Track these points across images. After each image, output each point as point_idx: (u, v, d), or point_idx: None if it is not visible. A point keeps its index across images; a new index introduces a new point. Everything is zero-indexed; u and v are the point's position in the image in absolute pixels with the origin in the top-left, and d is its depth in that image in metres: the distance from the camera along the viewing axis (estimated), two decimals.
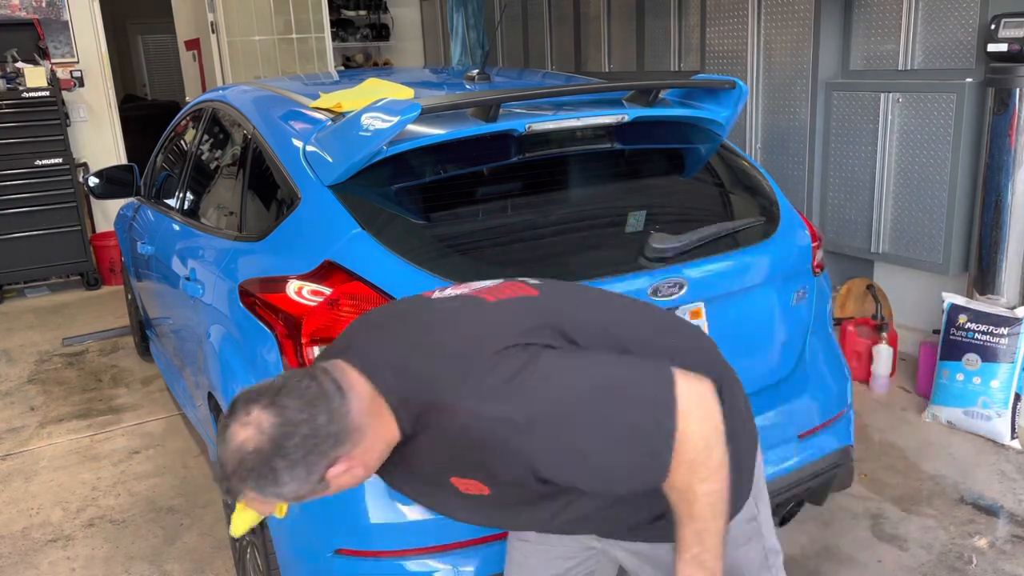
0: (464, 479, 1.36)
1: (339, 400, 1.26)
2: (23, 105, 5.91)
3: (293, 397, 1.24)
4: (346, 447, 1.26)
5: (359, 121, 2.07)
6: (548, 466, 1.28)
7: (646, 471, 1.29)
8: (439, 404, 1.29)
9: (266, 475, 1.22)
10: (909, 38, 3.98)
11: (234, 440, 1.23)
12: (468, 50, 7.03)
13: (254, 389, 1.28)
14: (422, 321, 1.45)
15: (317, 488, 1.28)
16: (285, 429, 1.22)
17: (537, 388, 1.27)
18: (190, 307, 2.78)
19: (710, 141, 2.55)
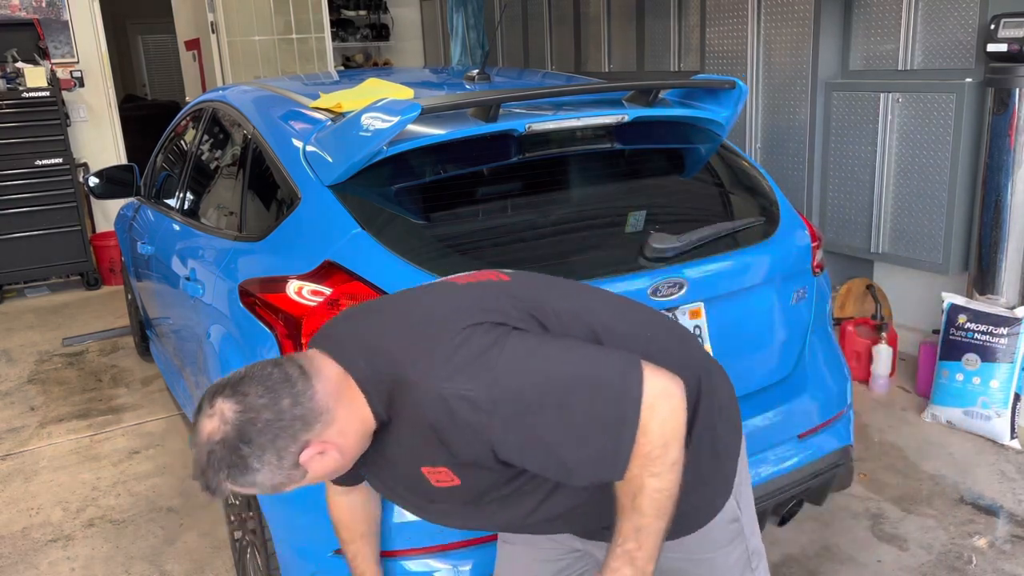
0: (434, 468, 1.35)
1: (303, 383, 1.27)
2: (23, 105, 5.91)
3: (254, 384, 1.25)
4: (315, 429, 1.26)
5: (359, 121, 2.07)
6: (507, 448, 1.26)
7: (604, 463, 1.27)
8: (406, 382, 1.28)
9: (236, 464, 1.23)
10: (909, 38, 3.98)
11: (202, 433, 1.25)
12: (468, 50, 7.03)
13: (218, 381, 1.29)
14: (395, 306, 1.46)
15: (293, 475, 1.27)
16: (248, 416, 1.23)
17: (503, 368, 1.26)
18: (190, 307, 2.78)
19: (710, 141, 2.55)
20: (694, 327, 2.23)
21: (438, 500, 1.43)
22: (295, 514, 2.07)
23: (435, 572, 1.95)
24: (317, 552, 2.01)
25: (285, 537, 2.11)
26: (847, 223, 4.30)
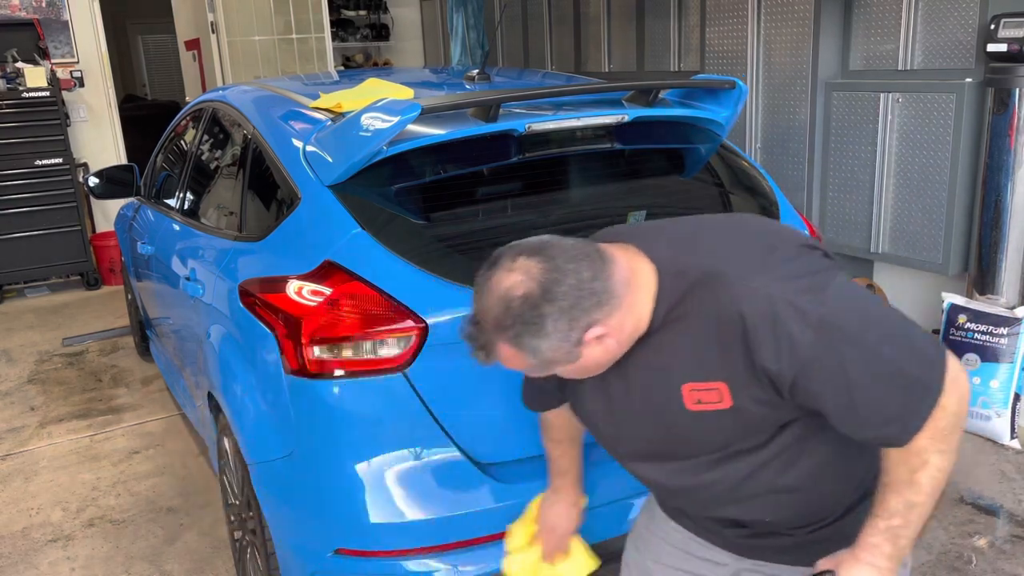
0: (704, 384, 1.28)
1: (600, 263, 1.24)
2: (23, 105, 5.91)
3: (559, 250, 1.23)
4: (604, 311, 1.23)
5: (359, 121, 2.07)
6: (810, 375, 1.20)
7: (896, 422, 1.22)
8: (723, 278, 1.23)
9: (532, 322, 1.20)
10: (909, 38, 3.98)
11: (499, 287, 1.22)
12: (468, 50, 7.04)
13: (517, 244, 1.27)
14: (708, 218, 1.44)
15: (571, 353, 1.25)
16: (555, 275, 1.20)
17: (834, 294, 1.22)
18: (190, 307, 2.78)
19: (710, 141, 2.55)
20: None
21: (660, 432, 1.37)
22: (295, 514, 2.07)
23: (435, 572, 1.95)
24: (317, 552, 2.01)
25: (285, 537, 2.11)
26: (847, 223, 4.30)
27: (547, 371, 1.29)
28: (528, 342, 1.22)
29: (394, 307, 1.91)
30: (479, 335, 1.26)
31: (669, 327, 1.28)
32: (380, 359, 1.92)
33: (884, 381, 1.21)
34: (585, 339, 1.24)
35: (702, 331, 1.25)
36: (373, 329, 1.91)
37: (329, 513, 1.99)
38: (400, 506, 1.94)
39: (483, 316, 1.25)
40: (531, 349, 1.23)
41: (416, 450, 1.96)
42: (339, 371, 1.94)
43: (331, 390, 1.95)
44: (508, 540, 1.84)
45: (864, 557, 1.26)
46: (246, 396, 2.22)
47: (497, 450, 2.03)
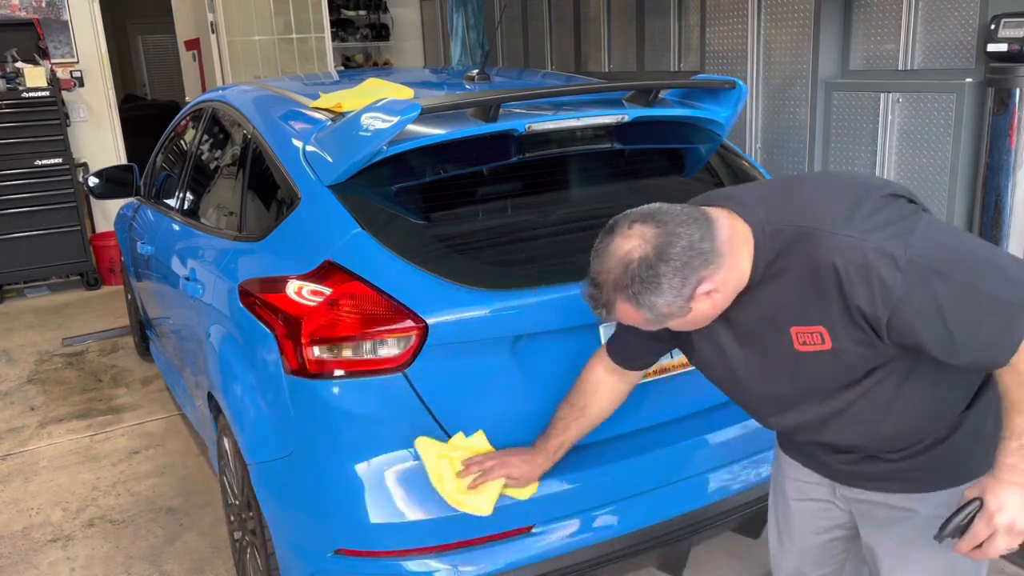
0: (807, 328, 1.41)
1: (706, 224, 1.38)
2: (23, 105, 5.92)
3: (669, 215, 1.39)
4: (711, 268, 1.37)
5: (359, 121, 2.07)
6: (903, 314, 1.31)
7: (993, 346, 1.32)
8: (816, 232, 1.35)
9: (649, 280, 1.35)
10: (909, 38, 3.98)
11: (618, 251, 1.38)
12: (468, 50, 7.04)
13: (629, 212, 1.43)
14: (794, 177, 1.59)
15: (682, 308, 1.39)
16: (668, 238, 1.35)
17: (920, 236, 1.32)
18: (190, 307, 2.78)
19: (710, 141, 2.55)
20: None
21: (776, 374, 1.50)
22: (295, 514, 2.07)
23: (435, 572, 1.95)
24: (317, 552, 2.01)
25: (285, 537, 2.11)
26: None
27: (660, 325, 1.44)
28: (646, 299, 1.37)
29: (394, 307, 1.91)
30: (600, 295, 1.41)
31: (768, 282, 1.42)
32: (380, 359, 1.92)
33: (976, 308, 1.30)
34: (696, 294, 1.38)
35: (800, 282, 1.38)
36: (373, 329, 1.91)
37: (329, 513, 1.99)
38: (400, 506, 1.94)
39: (603, 277, 1.40)
40: (648, 305, 1.38)
41: (416, 450, 1.96)
42: (339, 371, 1.94)
43: (331, 390, 1.95)
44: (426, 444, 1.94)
45: (1005, 477, 1.34)
46: (246, 396, 2.22)
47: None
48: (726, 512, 2.21)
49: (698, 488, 2.17)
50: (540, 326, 2.02)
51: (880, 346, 1.38)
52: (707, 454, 2.19)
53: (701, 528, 2.18)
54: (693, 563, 2.56)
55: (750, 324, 1.48)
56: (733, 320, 1.49)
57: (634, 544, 2.08)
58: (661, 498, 2.12)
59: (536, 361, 2.04)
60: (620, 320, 1.45)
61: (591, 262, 1.44)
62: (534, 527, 2.00)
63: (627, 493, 2.08)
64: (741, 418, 2.26)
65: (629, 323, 1.46)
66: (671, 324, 1.45)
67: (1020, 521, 1.33)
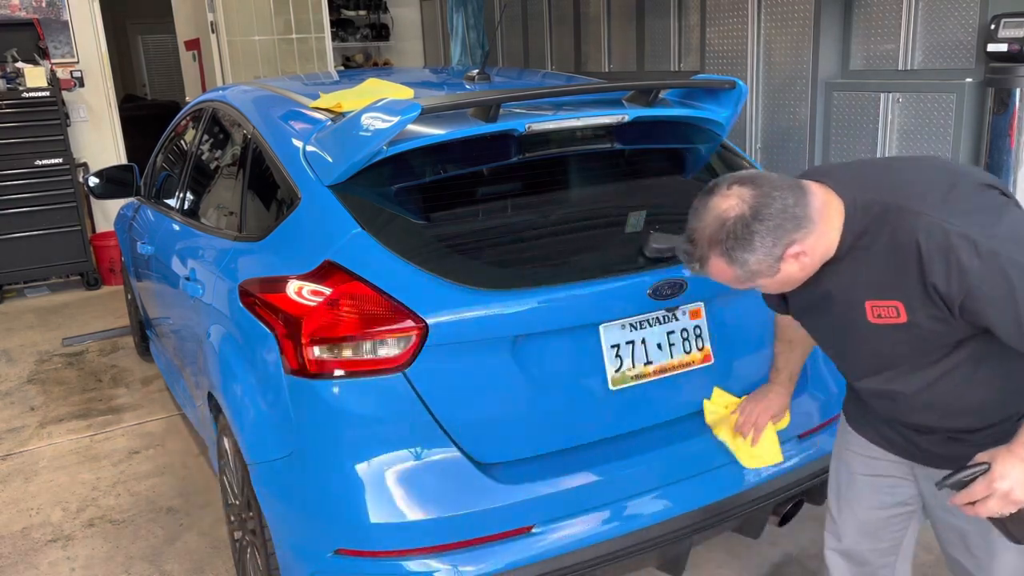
0: (883, 301, 1.51)
1: (799, 192, 1.47)
2: (23, 105, 5.92)
3: (765, 180, 1.48)
4: (802, 233, 1.46)
5: (359, 121, 2.07)
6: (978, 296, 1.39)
7: None
8: (905, 210, 1.45)
9: (744, 237, 1.44)
10: (909, 38, 3.98)
11: (716, 209, 1.47)
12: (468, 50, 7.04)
13: (731, 174, 1.52)
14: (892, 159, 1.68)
15: (771, 268, 1.48)
16: (764, 200, 1.44)
17: (1008, 226, 1.41)
18: (190, 307, 2.78)
19: (710, 141, 2.55)
20: (694, 327, 2.23)
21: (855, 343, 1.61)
22: (295, 514, 2.07)
23: (435, 572, 1.95)
24: (317, 552, 2.01)
25: (285, 537, 2.11)
26: None
27: (750, 283, 1.53)
28: (739, 255, 1.46)
29: (394, 307, 1.91)
30: (695, 250, 1.51)
31: (853, 254, 1.51)
32: (380, 359, 1.92)
33: None
34: (785, 255, 1.47)
35: (882, 257, 1.48)
36: (373, 329, 1.91)
37: (329, 513, 1.99)
38: (400, 506, 1.94)
39: (699, 234, 1.49)
40: (740, 262, 1.47)
41: (416, 450, 1.96)
42: (339, 371, 1.94)
43: (331, 390, 1.95)
44: (710, 402, 2.17)
45: (1018, 451, 1.42)
46: (246, 396, 2.22)
47: (497, 450, 2.03)
48: (726, 512, 2.21)
49: (698, 488, 2.17)
50: (540, 326, 2.02)
51: (954, 323, 1.45)
52: (707, 454, 2.19)
53: (701, 528, 2.18)
54: (693, 563, 2.56)
55: (831, 295, 1.58)
56: (815, 289, 1.59)
57: (634, 544, 2.08)
58: (661, 498, 2.12)
59: (536, 361, 2.04)
60: (712, 277, 1.54)
61: (688, 219, 1.52)
62: (534, 527, 2.00)
63: (627, 493, 2.08)
64: None
65: (721, 280, 1.53)
66: (761, 283, 1.54)
67: (1017, 492, 1.41)
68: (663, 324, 2.19)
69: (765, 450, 2.14)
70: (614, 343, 2.11)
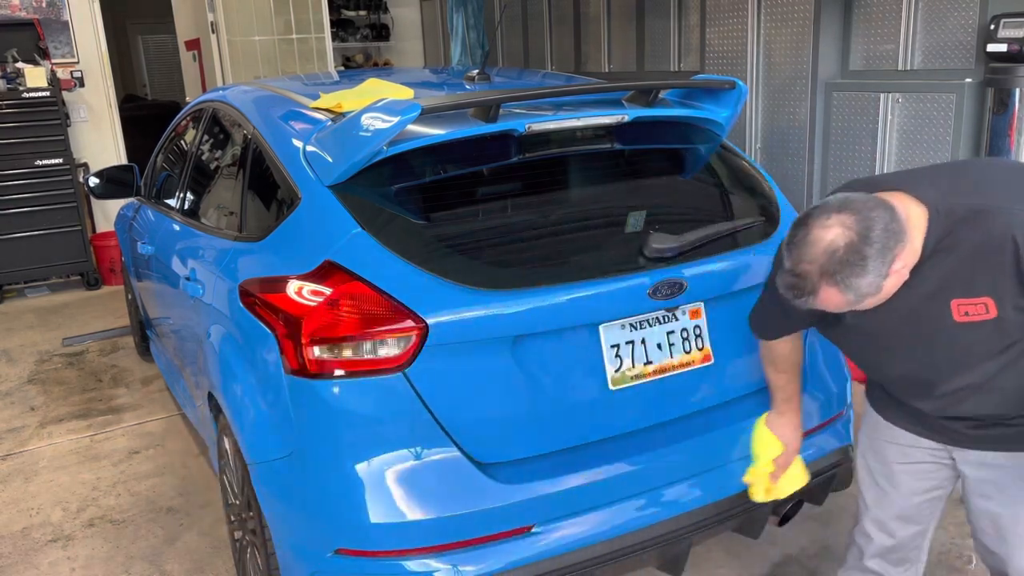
0: (971, 299, 1.55)
1: (891, 208, 1.50)
2: (23, 105, 5.92)
3: (859, 204, 1.50)
4: (900, 247, 1.50)
5: (359, 121, 2.07)
6: None
7: None
8: (994, 210, 1.51)
9: (856, 264, 1.47)
10: (909, 38, 3.98)
11: (821, 241, 1.49)
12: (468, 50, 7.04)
13: (819, 206, 1.53)
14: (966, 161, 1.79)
15: (879, 286, 1.51)
16: (867, 224, 1.47)
17: None
18: (190, 307, 2.78)
19: (710, 141, 2.55)
20: (694, 327, 2.24)
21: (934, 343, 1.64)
22: (295, 514, 2.07)
23: (435, 572, 1.95)
24: (317, 552, 2.02)
25: (285, 537, 2.11)
26: None
27: (858, 305, 1.54)
28: (852, 282, 1.48)
29: (394, 307, 1.91)
30: (805, 283, 1.52)
31: (935, 257, 1.55)
32: (380, 359, 1.92)
33: None
34: (890, 272, 1.50)
35: (970, 256, 1.52)
36: (373, 329, 1.91)
37: (329, 513, 1.99)
38: (400, 506, 1.94)
39: (806, 267, 1.51)
40: (853, 288, 1.49)
41: (416, 450, 1.96)
42: (339, 371, 1.94)
43: (331, 390, 1.95)
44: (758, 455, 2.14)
45: None
46: (246, 396, 2.22)
47: (497, 450, 2.03)
48: (726, 512, 2.21)
49: (698, 488, 2.17)
50: (540, 326, 2.02)
51: None
52: (707, 454, 2.20)
53: (701, 528, 2.18)
54: (693, 563, 2.56)
55: (910, 299, 1.59)
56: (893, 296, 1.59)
57: (634, 544, 2.08)
58: (661, 498, 2.12)
59: (536, 361, 2.04)
60: (821, 305, 1.55)
61: (788, 253, 1.55)
62: (534, 527, 2.00)
63: (627, 493, 2.09)
64: (740, 418, 2.26)
65: (830, 308, 1.56)
66: (867, 303, 1.55)
67: None
68: (663, 324, 2.19)
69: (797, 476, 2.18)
70: (614, 343, 2.11)
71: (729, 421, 2.25)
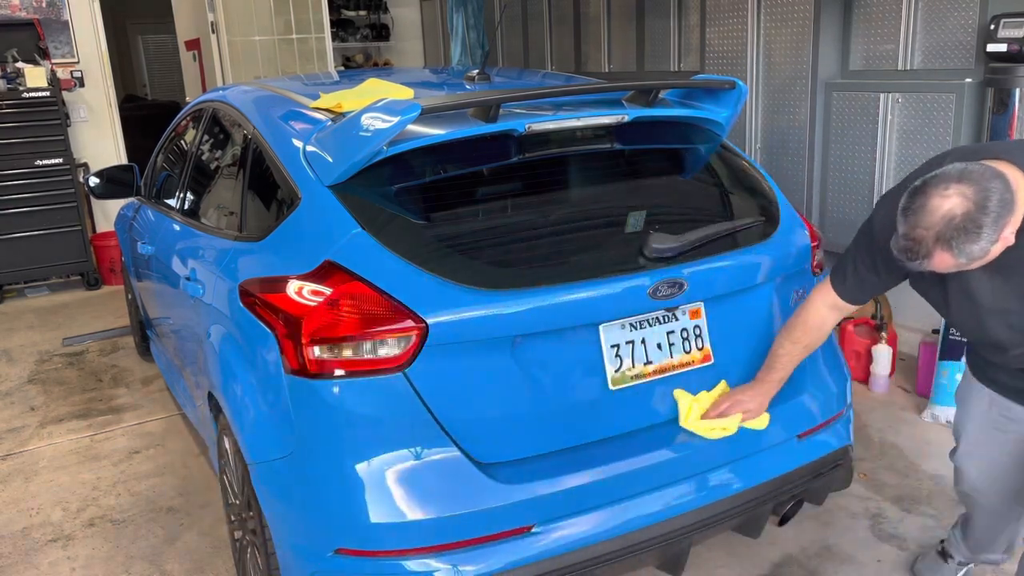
0: None
1: (1003, 177, 1.60)
2: (23, 105, 5.92)
3: (976, 174, 1.61)
4: (1011, 215, 1.62)
5: (359, 121, 2.07)
6: None
7: None
8: None
9: (971, 231, 1.59)
10: (909, 38, 3.98)
11: (940, 210, 1.60)
12: (468, 50, 7.04)
13: (937, 175, 1.63)
14: None
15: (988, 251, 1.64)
16: (985, 193, 1.58)
17: None
18: (190, 307, 2.78)
19: (710, 141, 2.55)
20: (694, 327, 2.24)
21: None
22: (295, 514, 2.08)
23: (435, 572, 1.95)
24: (317, 552, 2.02)
25: (285, 537, 2.12)
26: (847, 223, 4.30)
27: (965, 267, 1.68)
28: (966, 248, 1.61)
29: (394, 307, 1.91)
30: (920, 247, 1.64)
31: None
32: (380, 359, 1.92)
33: None
34: (999, 238, 1.63)
35: None
36: (373, 329, 1.91)
37: (329, 513, 1.99)
38: (400, 506, 1.94)
39: (922, 233, 1.63)
40: (966, 253, 1.62)
41: (416, 450, 1.96)
42: (339, 371, 1.94)
43: (331, 390, 1.95)
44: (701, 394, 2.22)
45: None
46: (246, 396, 2.22)
47: (497, 450, 2.03)
48: (726, 512, 2.21)
49: (698, 488, 2.17)
50: (540, 326, 2.02)
51: None
52: (707, 454, 2.20)
53: (701, 528, 2.18)
54: (693, 563, 2.56)
55: (1010, 261, 1.73)
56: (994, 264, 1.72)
57: (634, 544, 2.08)
58: (661, 498, 2.12)
59: (536, 361, 2.04)
60: (932, 268, 1.68)
61: (904, 219, 1.66)
62: (534, 526, 2.00)
63: (627, 493, 2.09)
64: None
65: (939, 269, 1.69)
66: (972, 266, 1.68)
67: None
68: (663, 324, 2.19)
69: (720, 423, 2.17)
70: (614, 343, 2.12)
71: None
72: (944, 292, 1.94)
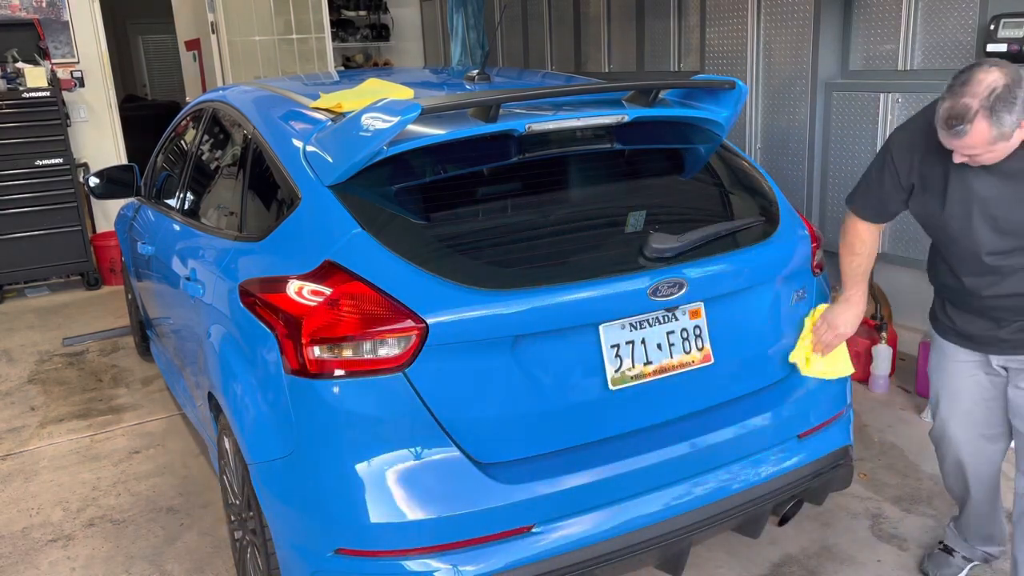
0: None
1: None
2: (23, 105, 5.92)
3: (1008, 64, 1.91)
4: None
5: (359, 121, 2.07)
6: None
7: None
8: None
9: (1009, 100, 1.87)
10: (909, 38, 3.98)
11: (983, 82, 1.89)
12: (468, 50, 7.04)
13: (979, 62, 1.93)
14: None
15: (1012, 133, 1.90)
16: (1019, 75, 1.89)
17: None
18: (190, 307, 2.78)
19: (710, 141, 2.55)
20: (694, 327, 2.24)
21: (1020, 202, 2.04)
22: (295, 514, 2.08)
23: (435, 572, 1.95)
24: (317, 552, 2.02)
25: (285, 537, 2.12)
26: None
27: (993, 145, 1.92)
28: (1002, 116, 1.88)
29: (394, 307, 1.91)
30: (966, 113, 1.89)
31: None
32: (380, 359, 1.92)
33: None
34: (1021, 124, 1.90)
35: None
36: (373, 329, 1.91)
37: (329, 513, 1.99)
38: (400, 506, 1.94)
39: (969, 99, 1.89)
40: (1000, 122, 1.88)
41: (416, 450, 1.96)
42: (339, 371, 1.94)
43: (331, 390, 1.95)
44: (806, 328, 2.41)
45: None
46: (246, 396, 2.22)
47: (497, 450, 2.03)
48: (726, 512, 2.21)
49: (698, 488, 2.17)
50: (540, 326, 2.02)
51: None
52: (707, 454, 2.20)
53: (701, 528, 2.18)
54: (693, 563, 2.56)
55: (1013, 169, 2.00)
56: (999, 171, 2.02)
57: (634, 544, 2.08)
58: (661, 498, 2.12)
59: (536, 361, 2.04)
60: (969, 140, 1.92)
61: (950, 93, 1.93)
62: (534, 527, 2.00)
63: (627, 493, 2.09)
64: (740, 418, 2.26)
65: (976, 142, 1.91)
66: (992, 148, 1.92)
67: None
68: (663, 324, 2.19)
69: (841, 364, 2.41)
70: (614, 343, 2.12)
71: (729, 421, 2.25)
72: (944, 191, 2.14)
